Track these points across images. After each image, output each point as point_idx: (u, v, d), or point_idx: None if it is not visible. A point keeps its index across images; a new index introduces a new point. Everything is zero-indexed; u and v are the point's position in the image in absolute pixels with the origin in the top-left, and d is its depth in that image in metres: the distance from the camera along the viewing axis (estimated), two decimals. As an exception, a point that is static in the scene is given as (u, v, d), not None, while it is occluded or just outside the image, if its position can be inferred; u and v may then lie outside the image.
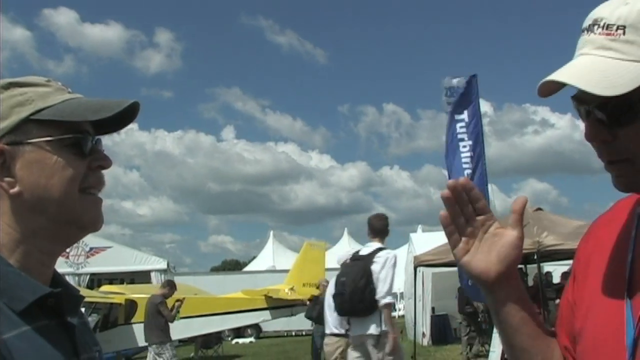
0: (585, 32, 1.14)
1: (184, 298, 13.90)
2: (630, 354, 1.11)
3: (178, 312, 12.64)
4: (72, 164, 1.21)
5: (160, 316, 11.77)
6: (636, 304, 1.13)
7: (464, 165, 10.57)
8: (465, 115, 10.77)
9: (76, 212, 1.22)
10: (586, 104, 1.14)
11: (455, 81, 11.11)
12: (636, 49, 1.07)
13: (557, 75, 1.11)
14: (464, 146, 10.65)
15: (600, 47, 1.11)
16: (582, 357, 1.26)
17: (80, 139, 1.23)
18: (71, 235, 1.26)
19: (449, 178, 10.54)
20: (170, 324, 11.89)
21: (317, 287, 15.63)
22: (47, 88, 1.24)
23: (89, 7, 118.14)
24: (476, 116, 10.84)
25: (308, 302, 15.72)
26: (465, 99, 10.82)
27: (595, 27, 1.12)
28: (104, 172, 1.29)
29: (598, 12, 1.12)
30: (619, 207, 1.33)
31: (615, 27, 1.09)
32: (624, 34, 1.08)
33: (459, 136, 10.66)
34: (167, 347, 11.76)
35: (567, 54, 1.17)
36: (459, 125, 10.68)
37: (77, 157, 1.22)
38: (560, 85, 1.14)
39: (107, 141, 1.30)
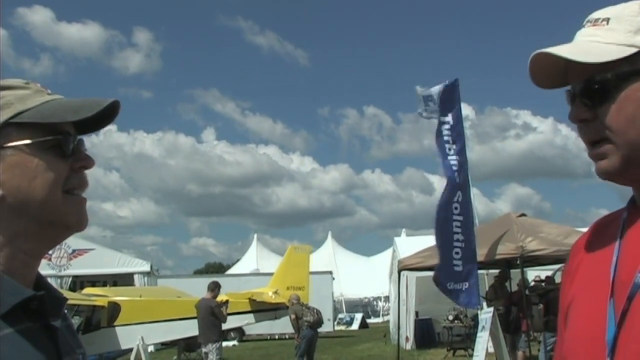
0: (580, 30, 1.28)
1: (227, 300, 14.60)
2: (610, 350, 1.14)
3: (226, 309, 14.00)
4: (54, 165, 1.21)
5: (214, 317, 13.12)
6: (619, 302, 1.16)
7: (453, 168, 10.67)
8: (450, 118, 10.87)
9: (60, 213, 1.21)
10: (571, 89, 1.26)
11: (433, 90, 11.32)
12: (616, 35, 1.20)
13: (542, 50, 1.23)
14: (449, 149, 10.74)
15: (586, 35, 1.25)
16: (565, 357, 1.29)
17: (61, 140, 1.22)
18: (56, 236, 1.26)
19: (445, 176, 10.70)
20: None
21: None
22: (26, 90, 1.24)
23: (65, 6, 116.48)
24: (459, 120, 10.95)
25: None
26: (449, 102, 10.91)
27: (587, 23, 1.26)
28: (87, 172, 1.28)
29: (592, 14, 1.27)
30: (599, 223, 1.39)
31: (600, 20, 1.24)
32: (607, 24, 1.22)
33: (445, 138, 10.76)
34: (217, 345, 13.30)
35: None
36: (444, 127, 10.78)
37: (59, 158, 1.22)
38: (552, 73, 1.27)
39: (86, 142, 1.29)
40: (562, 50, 1.20)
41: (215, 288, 13.69)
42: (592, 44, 1.21)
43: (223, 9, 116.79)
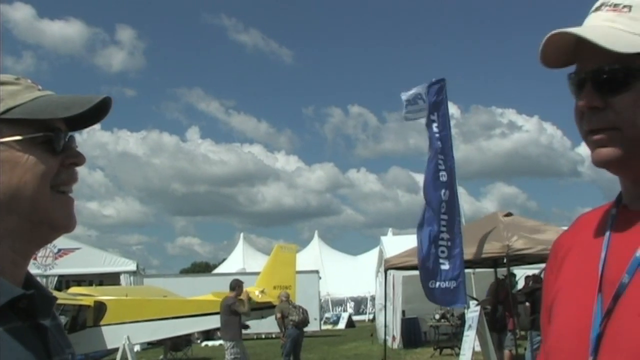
0: (594, 12, 1.23)
1: (248, 298, 14.61)
2: (593, 348, 1.13)
3: (249, 302, 14.17)
4: (44, 161, 1.19)
5: (232, 315, 13.34)
6: (606, 300, 1.15)
7: (439, 167, 10.70)
8: (435, 117, 10.92)
9: (48, 211, 1.20)
10: (582, 73, 1.21)
11: (417, 89, 11.34)
12: (639, 25, 1.16)
13: (567, 29, 1.17)
14: (437, 147, 10.78)
15: (606, 19, 1.19)
16: (548, 354, 1.28)
17: (51, 137, 1.21)
18: (45, 235, 1.24)
19: (426, 181, 10.72)
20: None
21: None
22: (17, 86, 1.22)
23: (46, 3, 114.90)
24: (445, 120, 10.98)
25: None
26: (435, 102, 10.96)
27: (603, 6, 1.21)
28: (78, 169, 1.27)
29: None
30: (583, 219, 1.37)
31: (621, 6, 1.18)
32: (629, 11, 1.17)
33: (436, 135, 10.80)
34: (232, 344, 13.45)
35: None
36: (434, 125, 10.83)
37: (49, 155, 1.20)
38: (560, 53, 1.21)
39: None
40: (588, 33, 1.15)
41: (235, 287, 13.71)
42: (617, 31, 1.16)
43: (206, 6, 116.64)
